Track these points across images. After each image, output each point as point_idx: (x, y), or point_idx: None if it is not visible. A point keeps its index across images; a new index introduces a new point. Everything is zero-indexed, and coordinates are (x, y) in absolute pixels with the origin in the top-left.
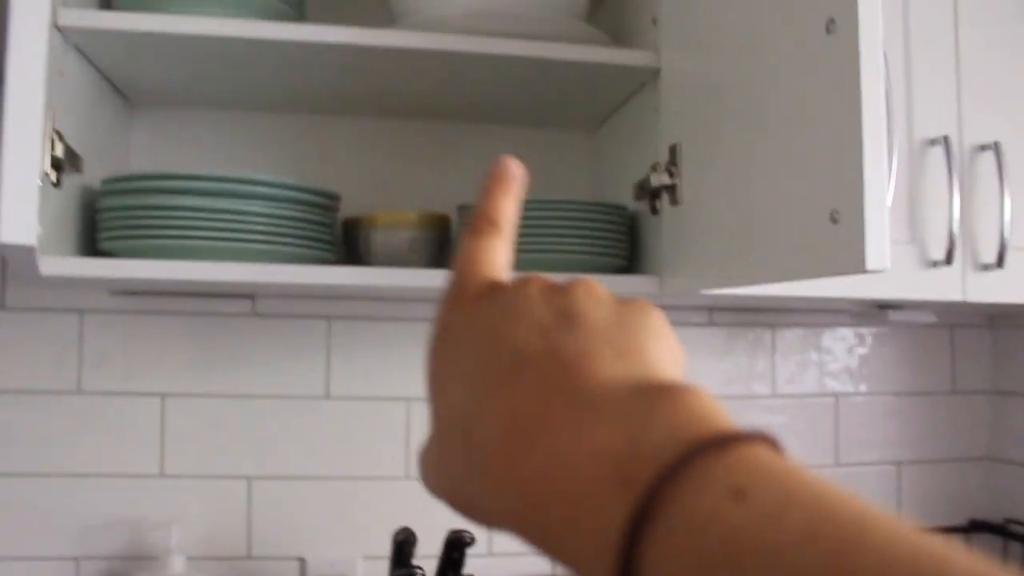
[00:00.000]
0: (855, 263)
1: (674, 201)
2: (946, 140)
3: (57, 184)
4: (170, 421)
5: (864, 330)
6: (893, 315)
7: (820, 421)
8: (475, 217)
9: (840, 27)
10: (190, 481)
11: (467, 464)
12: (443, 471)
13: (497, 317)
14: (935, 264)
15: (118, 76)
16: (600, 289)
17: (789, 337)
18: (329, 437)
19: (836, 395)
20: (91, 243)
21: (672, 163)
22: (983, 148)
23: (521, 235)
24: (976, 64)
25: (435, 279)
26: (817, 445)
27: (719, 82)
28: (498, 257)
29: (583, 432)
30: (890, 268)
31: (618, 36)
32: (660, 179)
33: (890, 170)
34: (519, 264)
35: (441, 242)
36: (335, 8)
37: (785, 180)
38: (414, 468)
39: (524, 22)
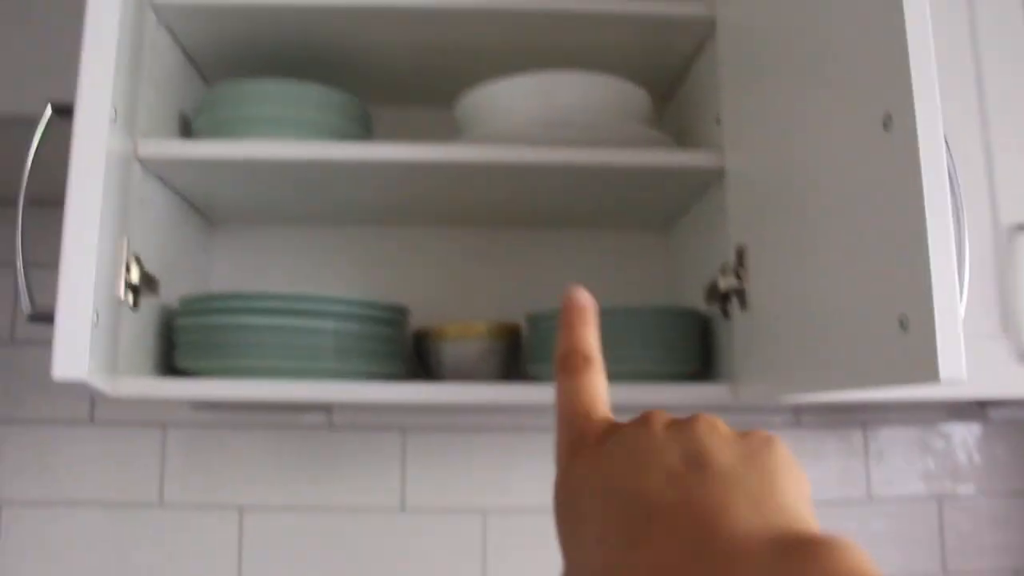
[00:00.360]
0: (928, 373)
1: (743, 305)
2: None
3: (134, 307)
4: (248, 534)
5: (968, 426)
6: (994, 412)
7: (923, 526)
8: (567, 355)
9: (897, 122)
10: None
11: None
12: None
13: (623, 464)
14: None
15: (198, 198)
16: (721, 425)
17: (883, 436)
18: (404, 550)
19: (939, 498)
20: (170, 361)
21: (740, 265)
22: None
23: None
24: None
25: (506, 392)
26: (921, 552)
27: (782, 181)
28: (600, 392)
29: None
30: (974, 371)
31: (685, 136)
32: (729, 282)
33: (962, 269)
34: None
35: (512, 352)
36: (402, 122)
37: (852, 284)
38: None
39: (586, 129)
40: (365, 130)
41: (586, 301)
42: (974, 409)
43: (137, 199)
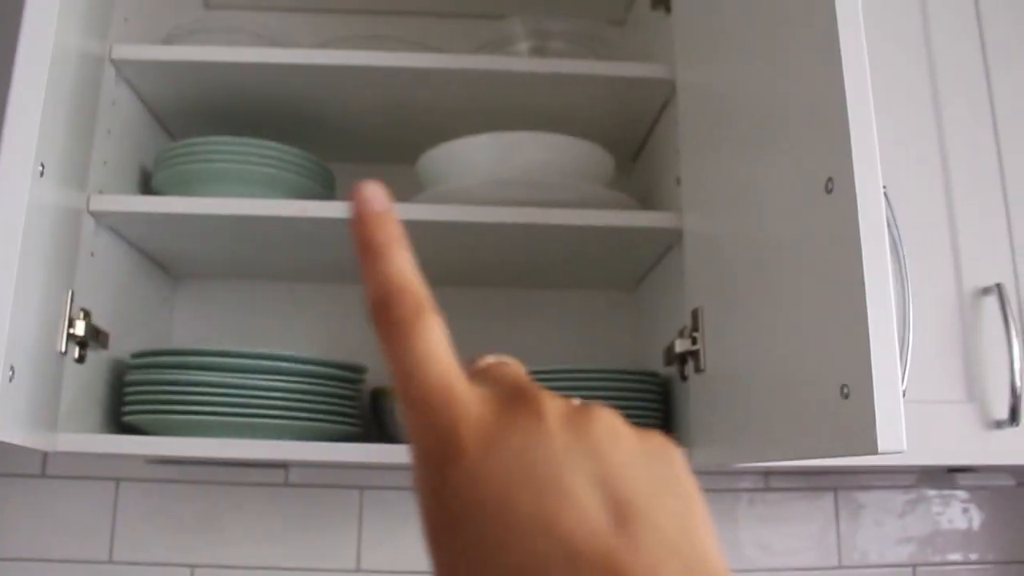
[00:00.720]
0: (867, 444)
1: (698, 368)
2: (999, 288)
3: (81, 360)
4: None
5: (943, 492)
6: (963, 479)
7: None
8: (387, 300)
9: (838, 186)
10: None
11: None
12: None
13: (523, 486)
14: (999, 424)
15: (157, 253)
16: (620, 426)
17: (856, 501)
18: None
19: (914, 566)
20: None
21: (695, 328)
22: None
23: None
24: None
25: None
26: None
27: (735, 244)
28: (448, 349)
29: None
30: (939, 437)
31: (650, 197)
32: (685, 345)
33: (906, 337)
34: None
35: None
36: (364, 180)
37: (798, 350)
38: None
39: (547, 189)
40: (326, 187)
41: (380, 201)
42: (943, 475)
43: (87, 253)
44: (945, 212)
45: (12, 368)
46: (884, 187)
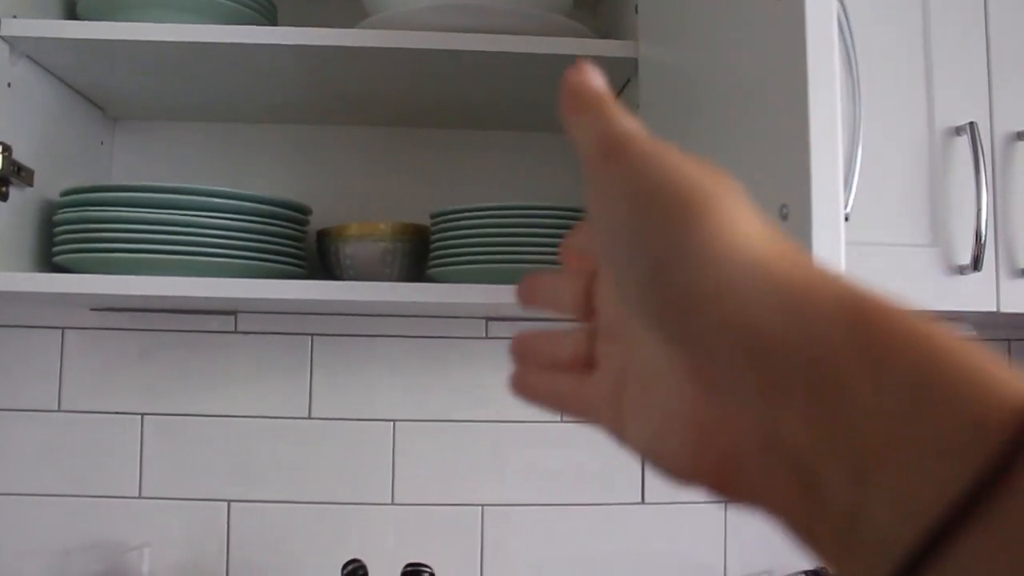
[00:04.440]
0: None
1: None
2: (972, 127)
3: (3, 198)
4: (149, 441)
5: None
6: None
7: None
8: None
9: None
10: (168, 503)
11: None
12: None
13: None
14: (962, 270)
15: (90, 89)
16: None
17: None
18: (311, 460)
19: None
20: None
21: None
22: (1019, 136)
23: (490, 243)
24: (1010, 43)
25: (408, 292)
26: None
27: (686, 71)
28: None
29: None
30: (899, 280)
31: (612, 33)
32: None
33: (854, 155)
34: (488, 274)
35: (417, 254)
36: (310, 15)
37: (741, 173)
38: (400, 494)
39: (497, 16)
40: (268, 20)
41: (592, 76)
42: None
43: (2, 83)
44: (921, 46)
45: None
46: None
